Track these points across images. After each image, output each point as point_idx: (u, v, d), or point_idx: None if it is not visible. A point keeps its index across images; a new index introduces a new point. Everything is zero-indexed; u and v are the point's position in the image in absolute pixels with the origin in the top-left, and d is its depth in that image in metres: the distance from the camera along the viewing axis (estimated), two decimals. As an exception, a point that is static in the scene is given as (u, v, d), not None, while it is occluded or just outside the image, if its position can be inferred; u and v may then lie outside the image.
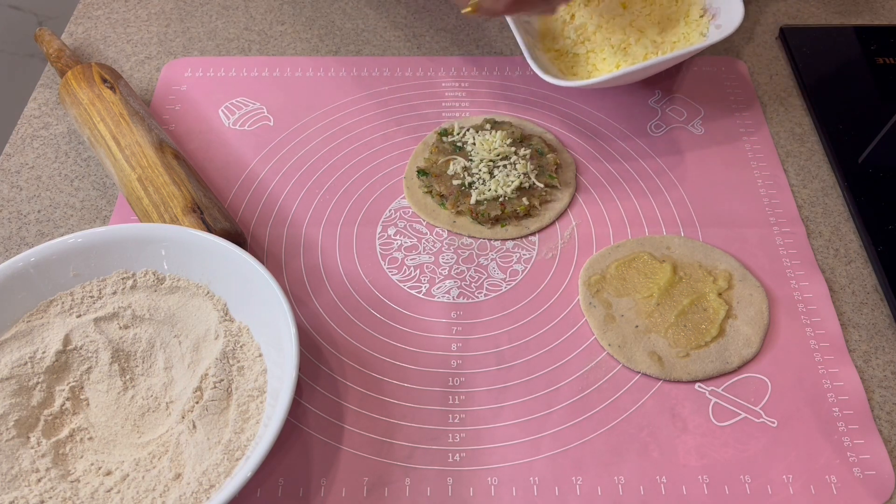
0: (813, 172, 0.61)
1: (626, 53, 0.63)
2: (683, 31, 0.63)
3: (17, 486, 0.42)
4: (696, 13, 0.64)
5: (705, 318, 0.51)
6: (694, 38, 0.63)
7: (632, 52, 0.63)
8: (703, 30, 0.63)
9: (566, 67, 0.64)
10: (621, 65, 0.62)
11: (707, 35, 0.62)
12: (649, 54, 0.62)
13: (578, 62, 0.64)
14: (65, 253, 0.49)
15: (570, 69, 0.64)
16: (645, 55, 0.62)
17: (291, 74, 0.67)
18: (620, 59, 0.62)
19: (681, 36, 0.63)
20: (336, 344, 0.51)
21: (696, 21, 0.63)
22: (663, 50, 0.63)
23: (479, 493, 0.45)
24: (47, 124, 0.63)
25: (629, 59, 0.62)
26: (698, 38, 0.62)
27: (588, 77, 0.63)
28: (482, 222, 0.56)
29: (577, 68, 0.64)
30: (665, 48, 0.63)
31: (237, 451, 0.43)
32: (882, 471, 0.45)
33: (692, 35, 0.63)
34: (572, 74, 0.63)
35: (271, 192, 0.59)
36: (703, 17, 0.63)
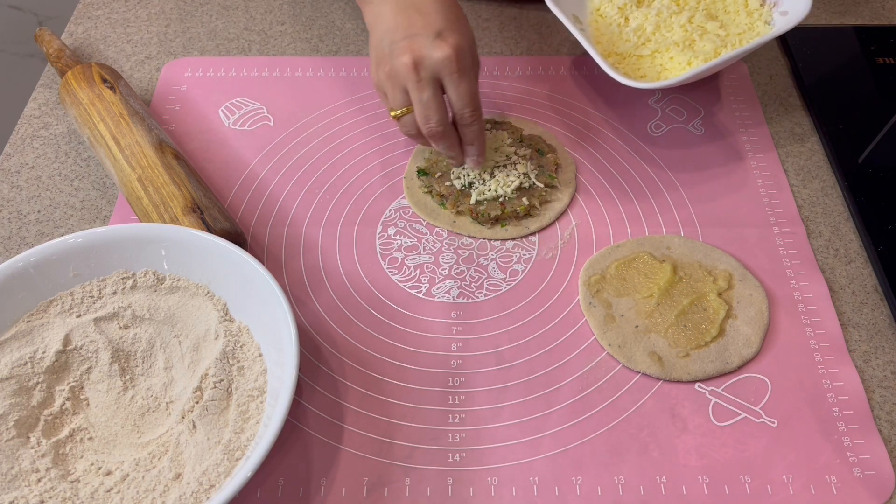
0: (813, 172, 0.61)
1: (694, 50, 0.61)
2: (746, 23, 0.63)
3: (17, 486, 0.42)
4: (754, 3, 0.63)
5: (705, 318, 0.51)
6: (759, 28, 0.62)
7: (699, 49, 0.61)
8: (767, 18, 0.62)
9: (631, 70, 0.62)
10: (692, 62, 0.60)
11: (772, 23, 0.61)
12: (719, 49, 0.61)
13: (643, 64, 0.62)
14: (65, 253, 0.49)
15: (635, 72, 0.62)
16: (715, 50, 0.61)
17: (291, 74, 0.67)
18: (690, 57, 0.61)
19: (745, 27, 0.63)
20: (336, 344, 0.51)
21: (758, 10, 0.63)
22: (731, 43, 0.61)
23: (479, 493, 0.45)
24: (47, 124, 0.63)
25: (699, 56, 0.60)
26: (763, 26, 0.62)
27: (658, 77, 0.61)
28: (482, 222, 0.56)
29: (643, 70, 0.62)
30: (732, 41, 0.62)
31: (237, 451, 0.43)
32: (882, 471, 0.45)
33: (756, 24, 0.62)
34: (640, 76, 0.62)
35: (271, 192, 0.59)
36: (763, 6, 0.63)
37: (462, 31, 0.52)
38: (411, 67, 0.50)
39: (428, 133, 0.53)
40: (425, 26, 0.51)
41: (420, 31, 0.51)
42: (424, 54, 0.50)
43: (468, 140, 0.55)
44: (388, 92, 0.53)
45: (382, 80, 0.53)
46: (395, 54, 0.51)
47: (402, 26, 0.52)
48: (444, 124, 0.53)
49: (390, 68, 0.52)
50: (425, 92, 0.51)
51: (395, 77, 0.52)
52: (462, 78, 0.51)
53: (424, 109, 0.52)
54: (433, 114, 0.52)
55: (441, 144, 0.54)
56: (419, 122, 0.53)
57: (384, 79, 0.53)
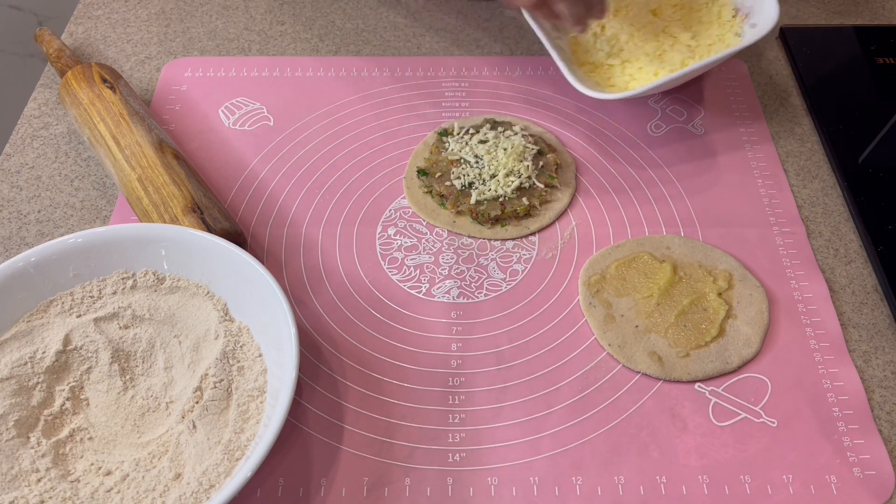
0: (813, 172, 0.61)
1: (663, 60, 0.62)
2: (717, 33, 0.63)
3: (17, 486, 0.42)
4: (727, 14, 0.63)
5: (705, 318, 0.51)
6: (729, 39, 0.62)
7: (668, 59, 0.62)
8: (738, 30, 0.62)
9: (602, 79, 0.63)
10: (659, 73, 0.61)
11: (742, 35, 0.61)
12: (686, 59, 0.61)
13: (614, 73, 0.63)
14: (65, 253, 0.49)
15: (606, 81, 0.63)
16: (682, 61, 0.61)
17: (291, 74, 0.67)
18: (657, 67, 0.61)
19: (715, 38, 0.63)
20: (336, 344, 0.51)
21: (730, 22, 0.63)
22: (699, 54, 0.62)
23: (479, 493, 0.45)
24: (47, 124, 0.63)
25: (666, 67, 0.61)
26: (733, 38, 0.62)
27: (626, 87, 0.62)
28: (482, 222, 0.56)
29: (613, 79, 0.63)
30: (701, 52, 0.62)
31: (237, 451, 0.43)
32: (882, 471, 0.45)
33: (727, 36, 0.62)
34: (609, 86, 0.63)
35: (271, 192, 0.59)
36: (736, 17, 0.63)
37: None
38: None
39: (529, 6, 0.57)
40: None
41: None
42: None
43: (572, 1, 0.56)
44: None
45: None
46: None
47: None
48: None
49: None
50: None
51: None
52: None
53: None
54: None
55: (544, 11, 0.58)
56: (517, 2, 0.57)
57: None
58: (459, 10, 0.74)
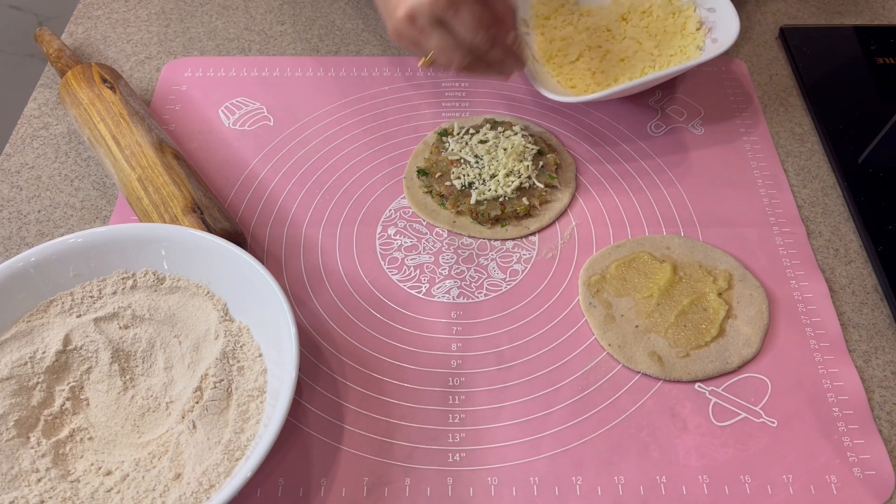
0: (813, 172, 0.61)
1: (624, 67, 0.63)
2: (680, 44, 0.64)
3: (17, 486, 0.42)
4: (692, 26, 0.64)
5: (705, 318, 0.51)
6: (690, 52, 0.63)
7: (630, 66, 0.63)
8: (700, 43, 0.63)
9: (565, 80, 0.64)
10: (619, 78, 0.62)
11: (703, 49, 0.62)
12: (647, 68, 0.63)
13: (576, 74, 0.64)
14: (65, 253, 0.49)
15: (568, 81, 0.64)
16: (643, 69, 0.63)
17: (291, 74, 0.67)
18: (619, 73, 0.63)
19: (677, 49, 0.63)
20: (336, 344, 0.51)
21: (693, 34, 0.63)
22: (660, 63, 0.63)
23: (479, 493, 0.45)
24: (47, 124, 0.63)
25: (627, 73, 0.63)
26: (695, 51, 0.63)
27: (587, 89, 0.63)
28: (482, 222, 0.56)
29: (575, 80, 0.64)
30: (662, 61, 0.63)
31: (237, 451, 0.43)
32: (882, 471, 0.45)
33: (689, 48, 0.63)
34: (571, 87, 0.64)
35: (271, 192, 0.59)
36: (700, 30, 0.63)
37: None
38: (408, 21, 0.50)
39: (458, 70, 0.53)
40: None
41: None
42: (414, 5, 0.49)
43: (496, 60, 0.53)
44: (407, 47, 0.54)
45: (394, 38, 0.54)
46: (391, 10, 0.52)
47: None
48: (467, 56, 0.52)
49: (393, 26, 0.52)
50: (432, 39, 0.51)
51: (401, 34, 0.52)
52: (458, 11, 0.49)
53: (441, 54, 0.52)
54: (452, 54, 0.51)
55: (478, 73, 0.54)
56: (444, 66, 0.53)
57: (394, 37, 0.54)
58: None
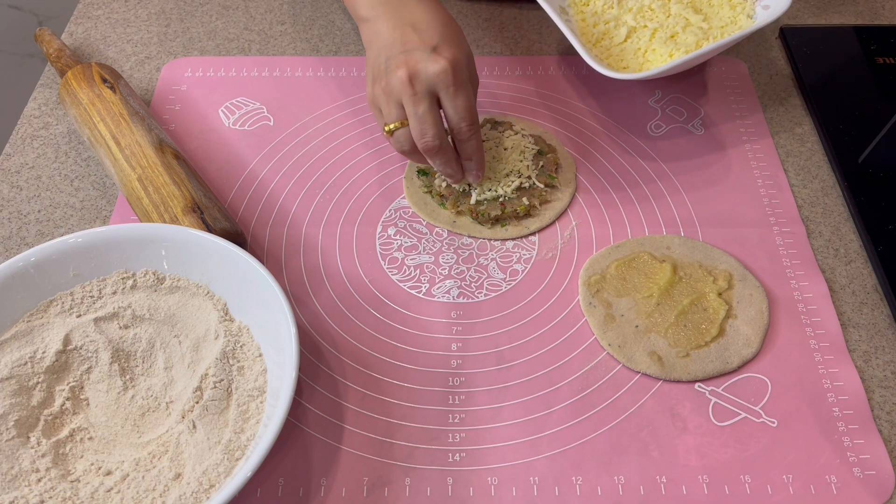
0: (813, 172, 0.61)
1: (676, 42, 0.62)
2: (729, 15, 0.64)
3: (17, 486, 0.42)
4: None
5: (705, 318, 0.51)
6: (742, 22, 0.63)
7: (681, 41, 0.62)
8: (749, 12, 0.63)
9: (614, 62, 0.63)
10: (674, 54, 0.61)
11: (755, 17, 0.62)
12: (700, 41, 0.62)
13: (626, 56, 0.63)
14: (65, 253, 0.49)
15: (618, 63, 0.63)
16: (696, 42, 0.62)
17: (291, 74, 0.67)
18: (672, 49, 0.62)
19: (727, 20, 0.63)
20: (336, 344, 0.51)
21: (741, 4, 0.63)
22: (713, 35, 0.62)
23: (479, 493, 0.45)
24: (47, 124, 0.63)
25: (681, 48, 0.61)
26: (745, 20, 0.62)
27: (641, 69, 0.62)
28: (482, 222, 0.56)
29: (626, 61, 0.63)
30: (714, 34, 0.62)
31: (237, 451, 0.43)
32: (882, 471, 0.45)
33: (739, 18, 0.63)
34: (622, 68, 0.63)
35: (271, 192, 0.59)
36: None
37: (459, 46, 0.52)
38: (406, 81, 0.50)
39: (424, 148, 0.52)
40: (421, 41, 0.51)
41: (416, 46, 0.50)
42: (420, 68, 0.50)
43: (466, 155, 0.54)
44: (383, 107, 0.52)
45: (378, 95, 0.52)
46: (391, 69, 0.51)
47: (398, 42, 0.51)
48: (441, 139, 0.51)
49: (386, 83, 0.51)
50: (421, 105, 0.50)
51: (390, 92, 0.51)
52: (458, 91, 0.50)
53: (420, 123, 0.51)
54: (429, 128, 0.51)
55: (437, 160, 0.53)
56: (415, 136, 0.52)
57: (380, 93, 0.52)
58: (459, 10, 0.74)
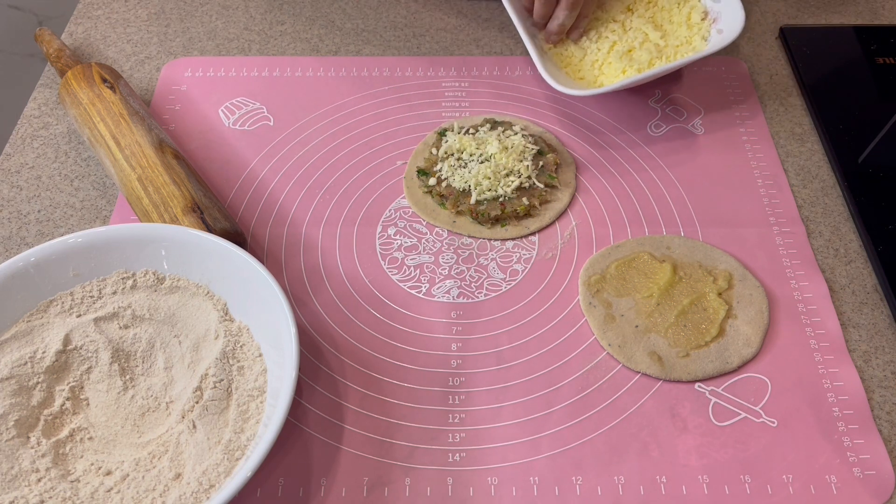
0: (813, 172, 0.61)
1: (631, 59, 0.63)
2: (686, 35, 0.64)
3: (17, 486, 0.42)
4: (696, 17, 0.64)
5: (705, 318, 0.51)
6: (696, 43, 0.63)
7: (636, 58, 0.63)
8: (705, 34, 0.63)
9: (573, 72, 0.64)
10: (627, 70, 0.62)
11: (709, 40, 0.62)
12: (654, 59, 0.62)
13: (584, 67, 0.64)
14: (65, 253, 0.49)
15: (576, 73, 0.64)
16: (650, 60, 0.62)
17: (291, 74, 0.67)
18: (626, 65, 0.62)
19: (683, 40, 0.63)
20: (336, 344, 0.51)
21: (698, 24, 0.64)
22: (667, 55, 0.63)
23: (479, 493, 0.45)
24: (47, 124, 0.63)
25: (634, 65, 0.62)
26: (700, 42, 0.63)
27: (595, 81, 0.63)
28: (482, 222, 0.56)
29: (583, 72, 0.64)
30: (668, 52, 0.63)
31: (237, 451, 0.43)
32: (882, 471, 0.45)
33: (694, 39, 0.63)
34: (579, 79, 0.64)
35: (271, 192, 0.59)
36: (705, 20, 0.63)
37: None
38: None
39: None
40: None
41: None
42: None
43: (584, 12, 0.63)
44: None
45: None
46: None
47: None
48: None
49: None
50: None
51: None
52: None
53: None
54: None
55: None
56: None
57: None
58: (459, 10, 0.74)
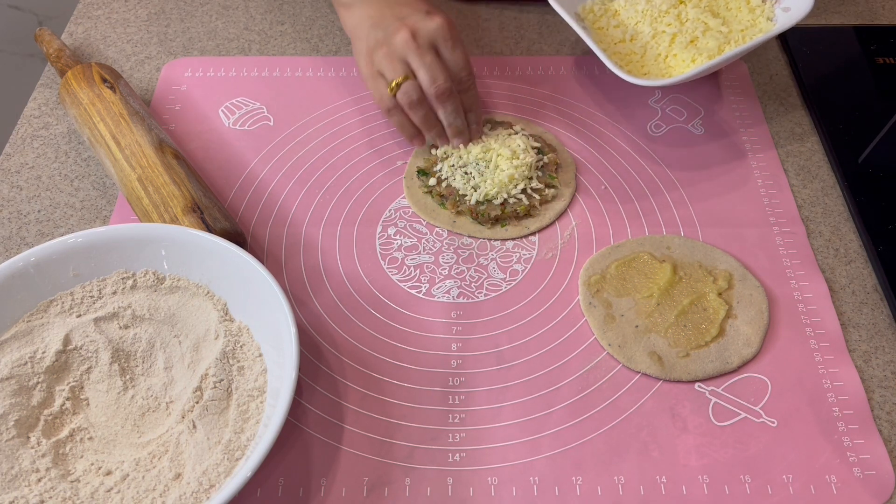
0: (813, 172, 0.61)
1: (697, 47, 0.61)
2: (749, 19, 0.63)
3: (17, 486, 0.42)
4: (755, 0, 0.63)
5: (705, 318, 0.51)
6: (761, 24, 0.62)
7: (703, 45, 0.61)
8: (769, 14, 0.62)
9: (635, 68, 0.62)
10: (696, 59, 0.60)
11: (774, 19, 0.61)
12: (722, 45, 0.61)
13: (646, 62, 0.62)
14: (65, 253, 0.49)
15: (639, 69, 0.62)
16: (719, 46, 0.61)
17: (291, 74, 0.67)
18: (694, 54, 0.61)
19: (747, 23, 0.63)
20: (336, 344, 0.51)
21: (760, 6, 0.63)
22: (734, 39, 0.61)
23: (479, 493, 0.45)
24: (47, 124, 0.63)
25: (703, 53, 0.61)
26: (766, 23, 0.62)
27: (663, 74, 0.61)
28: (482, 222, 0.56)
29: (646, 68, 0.62)
30: (734, 37, 0.62)
31: (237, 451, 0.43)
32: (882, 471, 0.45)
33: (758, 21, 0.62)
34: (642, 74, 0.62)
35: (271, 192, 0.59)
36: (766, 1, 0.63)
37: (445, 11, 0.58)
38: (409, 38, 0.55)
39: (436, 93, 0.55)
40: (413, 9, 0.57)
41: (409, 12, 0.56)
42: (419, 26, 0.55)
43: (468, 106, 0.58)
44: (387, 69, 0.56)
45: (380, 61, 0.56)
46: (391, 34, 0.55)
47: (388, 15, 0.57)
48: (450, 82, 0.56)
49: (387, 48, 0.55)
50: (427, 56, 0.55)
51: (393, 53, 0.55)
52: (456, 44, 0.56)
53: (429, 71, 0.55)
54: (439, 73, 0.55)
55: (448, 106, 0.56)
56: (425, 84, 0.55)
57: (382, 59, 0.56)
58: (459, 11, 0.74)
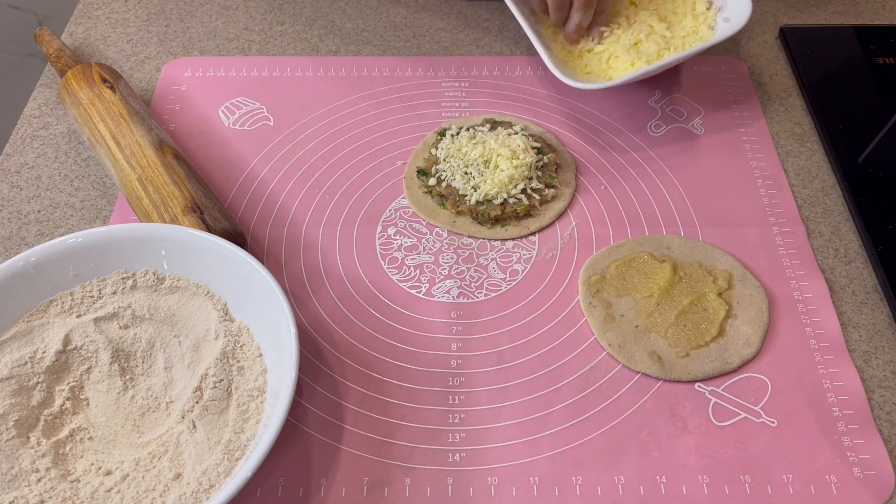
0: (813, 172, 0.61)
1: (639, 51, 0.63)
2: (692, 26, 0.64)
3: (17, 486, 0.42)
4: (701, 7, 0.64)
5: (705, 318, 0.51)
6: (703, 32, 0.63)
7: (644, 50, 0.63)
8: (711, 23, 0.63)
9: (580, 66, 0.64)
10: (636, 62, 0.62)
11: (715, 28, 0.62)
12: (662, 51, 0.62)
13: (591, 61, 0.64)
14: (65, 253, 0.49)
15: (583, 68, 0.64)
16: (658, 52, 0.62)
17: (291, 74, 0.67)
18: (634, 57, 0.62)
19: (689, 30, 0.64)
20: (336, 344, 0.51)
21: (703, 14, 0.64)
22: (674, 46, 0.63)
23: (479, 493, 0.45)
24: (47, 124, 0.63)
25: (643, 57, 0.62)
26: (707, 31, 0.63)
27: (604, 75, 0.63)
28: (482, 222, 0.56)
29: (590, 66, 0.64)
30: (675, 43, 0.63)
31: (237, 451, 0.43)
32: (882, 471, 0.45)
33: (700, 29, 0.63)
34: (586, 73, 0.64)
35: (271, 192, 0.59)
36: (710, 9, 0.63)
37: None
38: None
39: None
40: None
41: None
42: None
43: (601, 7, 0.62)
44: None
45: None
46: None
47: None
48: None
49: None
50: None
51: None
52: None
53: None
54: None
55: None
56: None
57: None
58: (459, 10, 0.74)
